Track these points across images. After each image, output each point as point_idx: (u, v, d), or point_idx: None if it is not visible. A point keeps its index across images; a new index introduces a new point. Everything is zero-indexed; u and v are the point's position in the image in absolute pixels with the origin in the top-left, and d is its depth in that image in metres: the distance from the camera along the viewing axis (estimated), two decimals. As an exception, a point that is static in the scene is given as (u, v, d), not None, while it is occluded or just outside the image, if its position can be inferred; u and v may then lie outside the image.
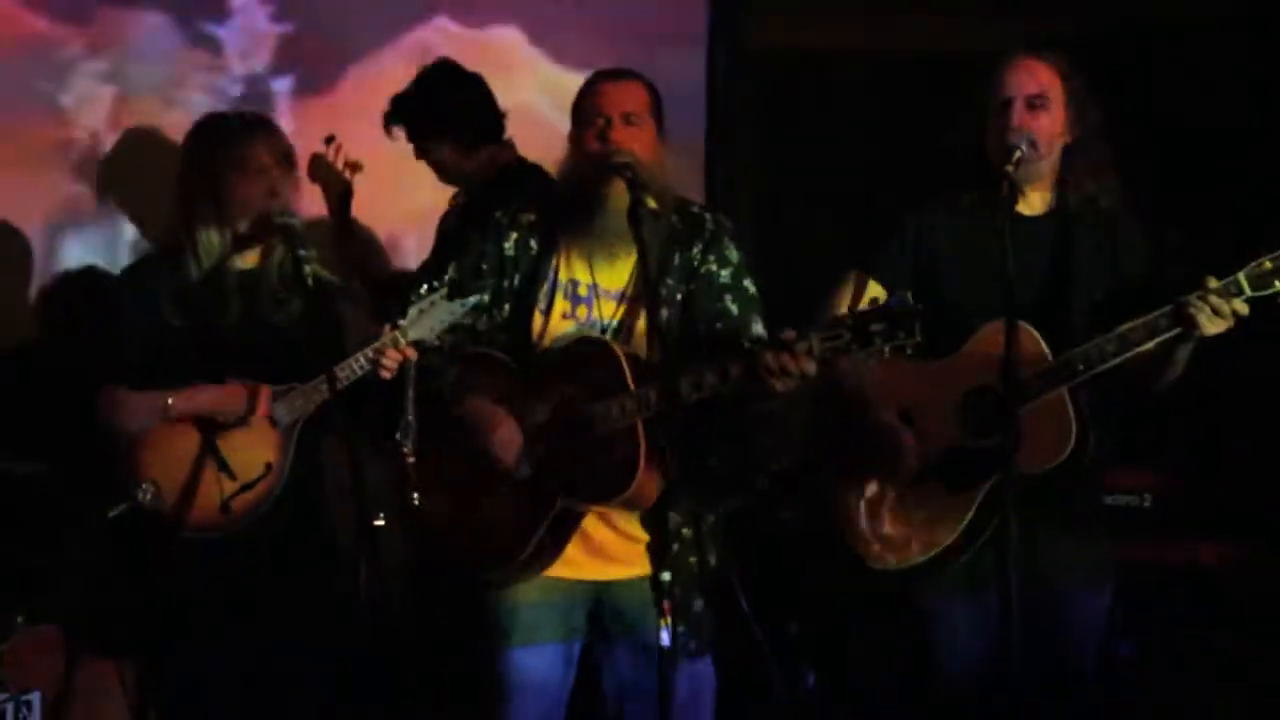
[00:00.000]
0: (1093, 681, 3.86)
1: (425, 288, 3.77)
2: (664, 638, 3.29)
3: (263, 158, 3.96)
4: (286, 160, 4.02)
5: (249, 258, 4.04)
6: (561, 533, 3.70)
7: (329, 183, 5.07)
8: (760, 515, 4.95)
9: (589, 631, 3.83)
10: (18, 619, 4.30)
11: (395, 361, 3.73)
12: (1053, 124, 3.76)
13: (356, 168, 5.10)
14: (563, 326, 3.77)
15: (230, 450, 3.89)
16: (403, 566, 4.54)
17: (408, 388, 3.65)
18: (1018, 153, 3.66)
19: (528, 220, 3.84)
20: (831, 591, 4.85)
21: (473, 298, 3.74)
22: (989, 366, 3.61)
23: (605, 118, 3.69)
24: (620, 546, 3.74)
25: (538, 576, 3.73)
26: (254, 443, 3.90)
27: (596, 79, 3.79)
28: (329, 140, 5.09)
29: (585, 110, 3.74)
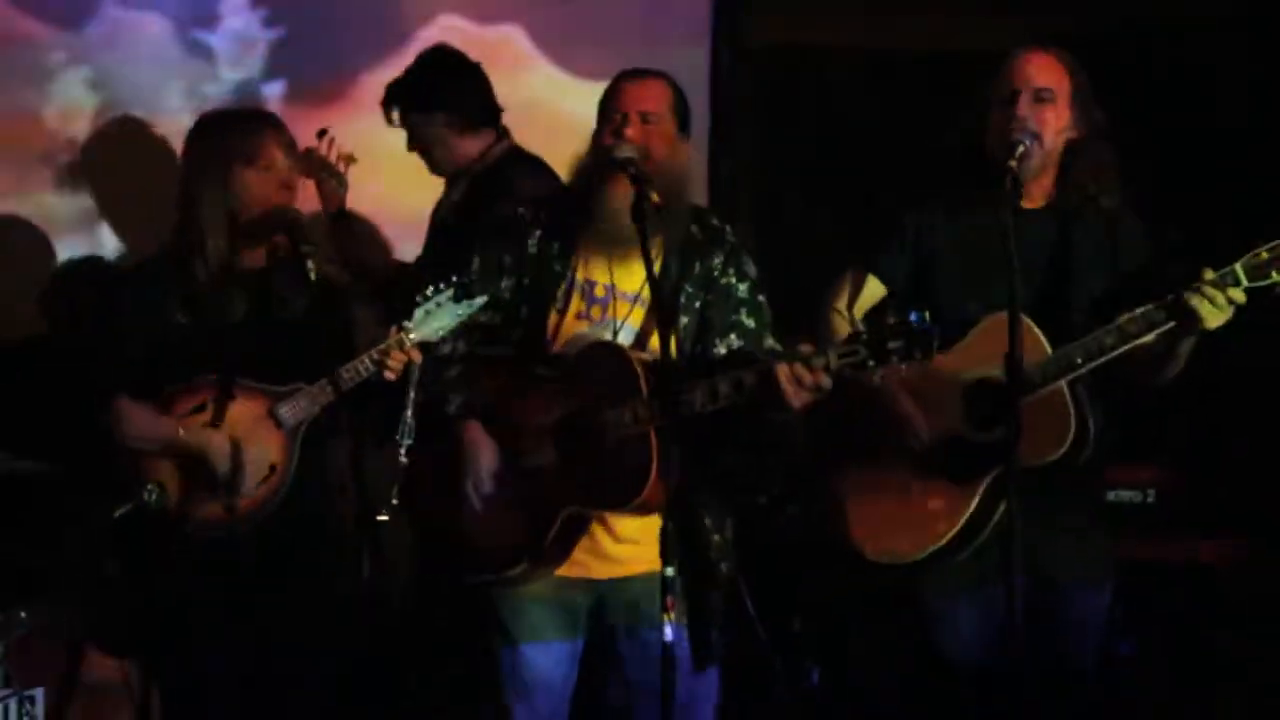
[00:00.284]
0: (1093, 680, 3.85)
1: (432, 289, 3.73)
2: (667, 633, 3.26)
3: (273, 152, 3.96)
4: (294, 154, 4.02)
5: (256, 256, 4.02)
6: (570, 537, 3.69)
7: (323, 177, 5.08)
8: (763, 513, 4.95)
9: (592, 630, 3.82)
10: (21, 616, 4.32)
11: (400, 363, 3.74)
12: (1057, 119, 3.76)
13: (350, 160, 5.11)
14: (577, 326, 3.75)
15: (233, 454, 3.88)
16: (406, 562, 4.55)
17: (409, 389, 3.65)
18: (1021, 147, 3.66)
19: (548, 218, 3.82)
20: (833, 589, 4.85)
21: (480, 298, 3.71)
22: (990, 360, 3.61)
23: (622, 114, 3.69)
24: (623, 547, 3.73)
25: (545, 577, 3.73)
26: (259, 443, 3.89)
27: (620, 78, 3.80)
28: (321, 134, 5.10)
29: (605, 108, 3.75)
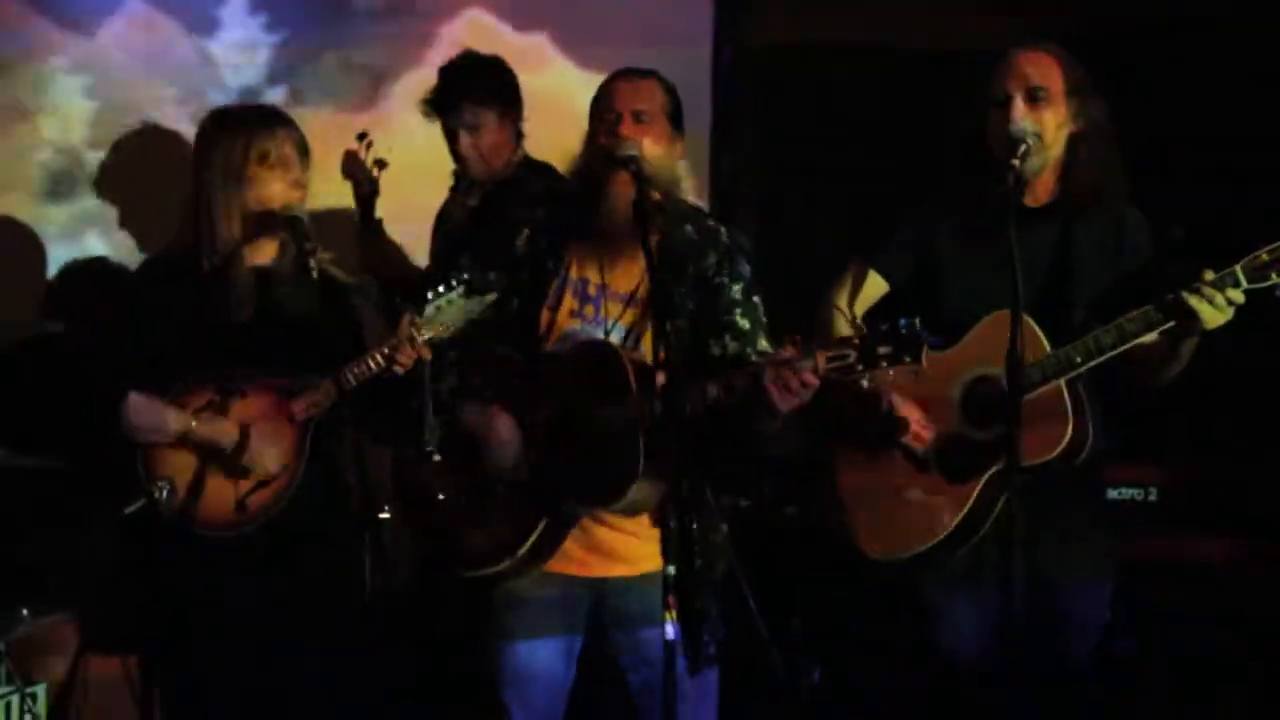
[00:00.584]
0: (1092, 680, 3.86)
1: (443, 285, 3.73)
2: (669, 631, 3.26)
3: (285, 150, 3.96)
4: (305, 153, 4.02)
5: (265, 253, 4.02)
6: (558, 533, 3.70)
7: (360, 180, 5.07)
8: (761, 511, 4.95)
9: (590, 629, 3.83)
10: (24, 613, 4.32)
11: (410, 359, 3.74)
12: (1054, 116, 3.75)
13: (383, 165, 5.11)
14: (569, 324, 3.77)
15: (245, 448, 3.88)
16: (407, 560, 4.55)
17: (425, 388, 3.65)
18: (1023, 146, 3.66)
19: (539, 217, 3.84)
20: (832, 587, 4.85)
21: (491, 295, 3.72)
22: (989, 358, 3.62)
23: (616, 114, 3.70)
24: (621, 544, 3.74)
25: (539, 572, 3.74)
26: (270, 440, 3.89)
27: (614, 77, 3.81)
28: (362, 136, 5.10)
29: (599, 108, 3.76)
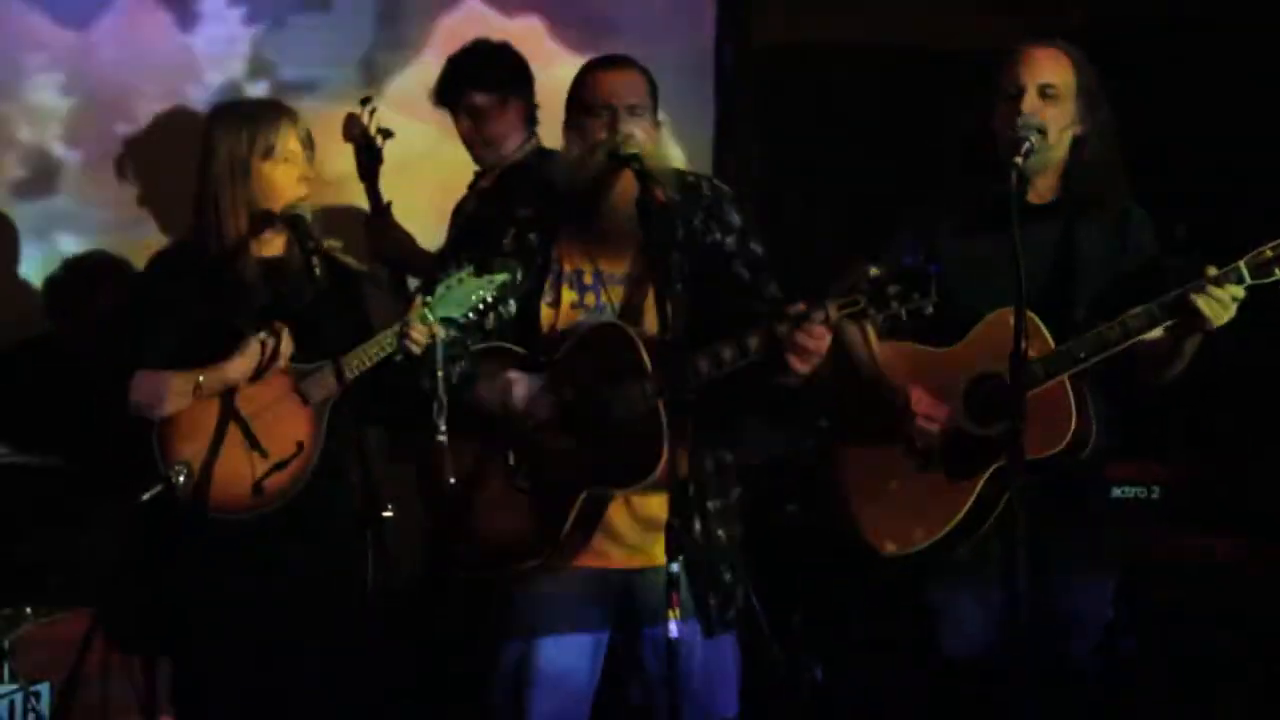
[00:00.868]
0: (1093, 679, 3.86)
1: (454, 266, 3.70)
2: (672, 629, 3.23)
3: (290, 144, 3.94)
4: (310, 146, 4.00)
5: (274, 244, 4.01)
6: (589, 522, 3.65)
7: (361, 144, 5.06)
8: (764, 507, 4.95)
9: (618, 624, 3.76)
10: (26, 610, 4.32)
11: (423, 335, 3.70)
12: (1063, 114, 3.75)
13: (388, 134, 5.09)
14: (574, 316, 3.73)
15: (262, 429, 3.85)
16: (410, 558, 4.54)
17: (436, 367, 3.60)
18: (1027, 144, 3.65)
19: (525, 215, 3.80)
20: (834, 584, 4.85)
21: (501, 275, 3.67)
22: (993, 354, 3.61)
23: (610, 109, 3.64)
24: (643, 534, 3.67)
25: (566, 568, 3.69)
26: (285, 421, 3.87)
27: (594, 67, 3.75)
28: (365, 101, 5.09)
29: (587, 100, 3.69)
